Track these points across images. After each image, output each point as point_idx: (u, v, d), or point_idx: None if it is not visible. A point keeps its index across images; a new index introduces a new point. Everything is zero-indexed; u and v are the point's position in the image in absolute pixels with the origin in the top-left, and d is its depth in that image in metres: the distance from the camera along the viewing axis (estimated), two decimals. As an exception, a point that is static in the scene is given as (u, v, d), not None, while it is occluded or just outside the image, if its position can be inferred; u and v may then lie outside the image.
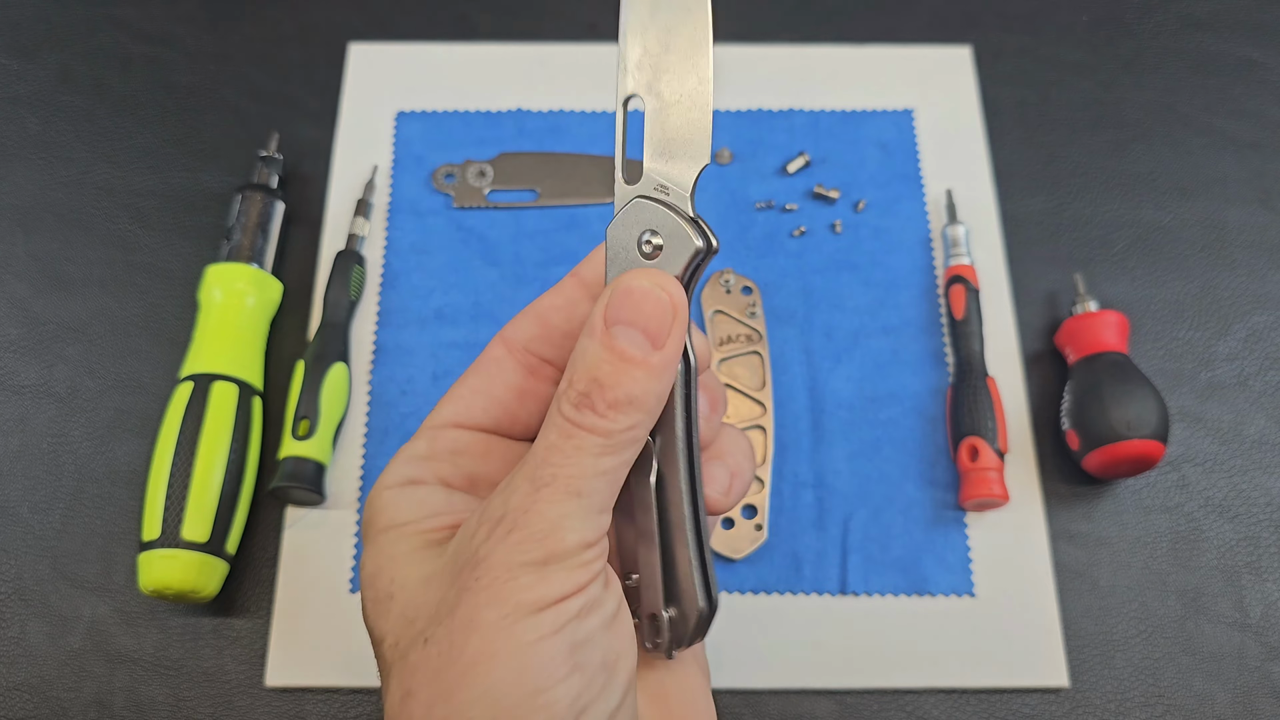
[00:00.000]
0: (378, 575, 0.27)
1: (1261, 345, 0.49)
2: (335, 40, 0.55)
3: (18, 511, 0.46)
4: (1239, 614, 0.44)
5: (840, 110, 0.54)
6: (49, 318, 0.49)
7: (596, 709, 0.25)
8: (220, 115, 0.54)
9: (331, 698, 0.42)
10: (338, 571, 0.44)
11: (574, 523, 0.24)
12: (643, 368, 0.25)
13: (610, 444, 0.25)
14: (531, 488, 0.25)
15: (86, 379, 0.48)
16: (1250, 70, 0.56)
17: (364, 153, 0.53)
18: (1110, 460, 0.44)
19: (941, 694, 0.43)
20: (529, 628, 0.24)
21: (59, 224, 0.51)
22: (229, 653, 0.43)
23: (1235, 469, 0.47)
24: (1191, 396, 0.48)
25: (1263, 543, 0.46)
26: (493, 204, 0.51)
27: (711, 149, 0.27)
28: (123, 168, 0.53)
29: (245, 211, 0.49)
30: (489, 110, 0.54)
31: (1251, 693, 0.43)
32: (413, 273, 0.50)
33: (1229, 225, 0.52)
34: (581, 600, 0.24)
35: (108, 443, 0.47)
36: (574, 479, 0.25)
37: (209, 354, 0.45)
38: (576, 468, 0.25)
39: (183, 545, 0.41)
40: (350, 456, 0.46)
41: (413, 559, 0.27)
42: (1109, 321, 0.47)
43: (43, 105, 0.54)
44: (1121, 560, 0.45)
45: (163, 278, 0.50)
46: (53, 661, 0.43)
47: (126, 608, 0.44)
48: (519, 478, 0.25)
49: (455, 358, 0.48)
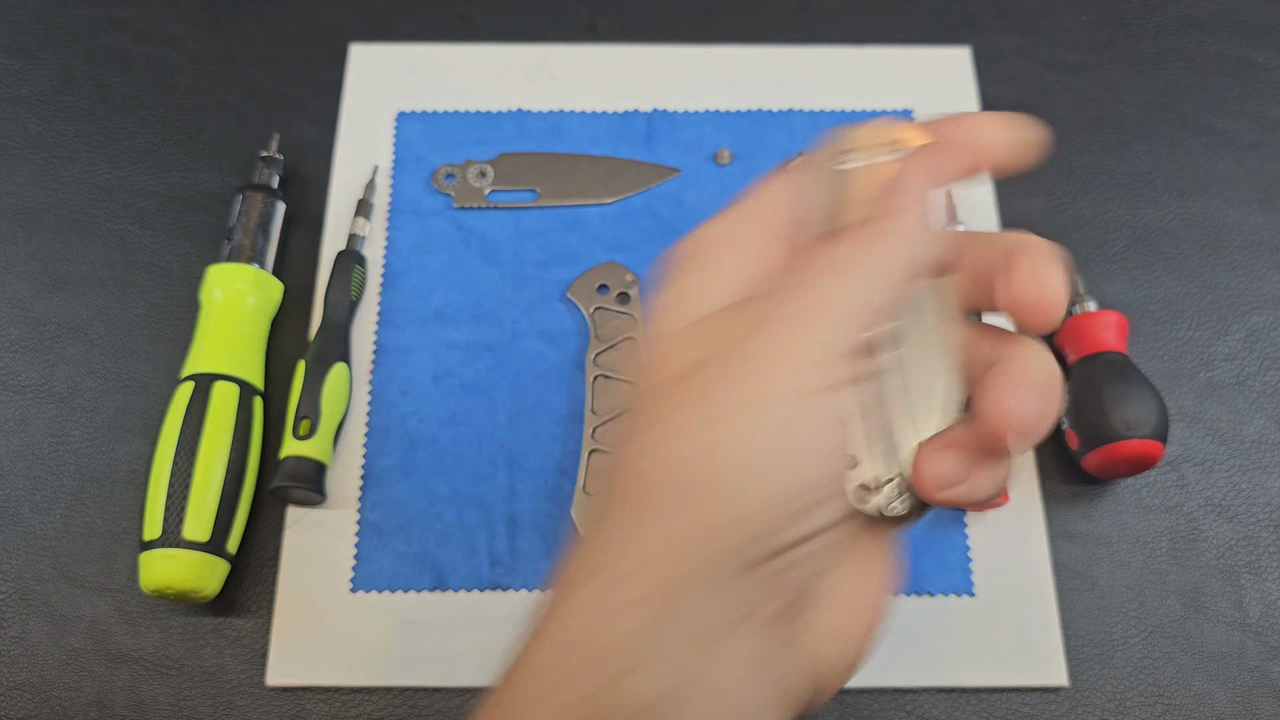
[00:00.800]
0: (686, 296, 0.27)
1: (1260, 345, 0.49)
2: (336, 41, 0.56)
3: (19, 511, 0.46)
4: (1238, 613, 0.44)
5: (840, 110, 0.54)
6: (50, 318, 0.49)
7: (826, 510, 0.25)
8: (221, 116, 0.54)
9: (332, 697, 0.43)
10: (338, 571, 0.44)
11: (862, 296, 0.25)
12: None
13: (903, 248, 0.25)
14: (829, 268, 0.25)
15: (87, 379, 0.48)
16: (1250, 71, 0.56)
17: (364, 153, 0.53)
18: (1110, 460, 0.44)
19: (941, 693, 0.43)
20: (806, 380, 0.24)
21: (60, 224, 0.51)
22: (230, 652, 0.43)
23: (1234, 469, 0.47)
24: (1191, 396, 0.48)
25: (1262, 542, 0.46)
26: (493, 204, 0.51)
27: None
28: (123, 168, 0.53)
29: (246, 212, 0.49)
30: (489, 111, 0.54)
31: (1251, 692, 0.43)
32: (413, 273, 0.50)
33: (1228, 225, 0.52)
34: (850, 374, 0.25)
35: (109, 443, 0.47)
36: (872, 271, 0.25)
37: (210, 354, 0.45)
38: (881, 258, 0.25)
39: (184, 545, 0.41)
40: (351, 456, 0.46)
41: (719, 292, 0.27)
42: (1108, 321, 0.47)
43: (43, 105, 0.54)
44: (1121, 560, 0.45)
45: (164, 278, 0.50)
46: (53, 661, 0.43)
47: (127, 607, 0.44)
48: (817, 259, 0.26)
49: (455, 358, 0.48)
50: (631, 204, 0.52)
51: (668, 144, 0.53)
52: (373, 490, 0.46)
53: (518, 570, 0.44)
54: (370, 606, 0.44)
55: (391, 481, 0.46)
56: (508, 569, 0.44)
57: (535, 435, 0.47)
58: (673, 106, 0.54)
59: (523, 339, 0.49)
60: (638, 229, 0.51)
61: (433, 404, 0.47)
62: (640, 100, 0.54)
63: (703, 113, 0.54)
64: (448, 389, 0.48)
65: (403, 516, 0.45)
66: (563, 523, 0.45)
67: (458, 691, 0.42)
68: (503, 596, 0.44)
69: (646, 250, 0.51)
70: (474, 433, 0.47)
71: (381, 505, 0.45)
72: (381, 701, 0.42)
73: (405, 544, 0.45)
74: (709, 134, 0.53)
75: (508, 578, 0.44)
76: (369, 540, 0.45)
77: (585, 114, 0.54)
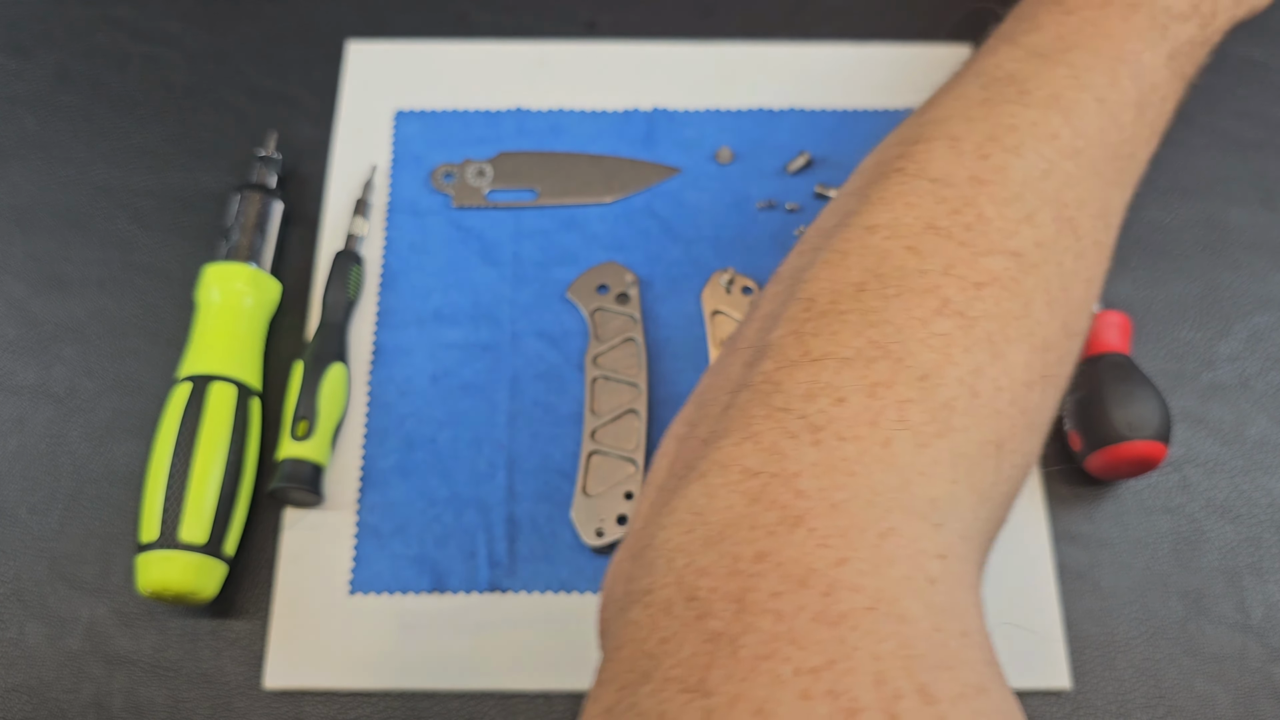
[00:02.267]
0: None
1: (1263, 346, 0.49)
2: (333, 39, 0.55)
3: (15, 513, 0.45)
4: (1241, 615, 0.44)
5: (841, 109, 0.54)
6: (46, 318, 0.49)
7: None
8: (218, 114, 0.54)
9: (330, 700, 0.42)
10: (337, 573, 0.44)
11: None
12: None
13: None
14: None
15: (84, 379, 0.48)
16: (1253, 70, 0.56)
17: (362, 152, 0.52)
18: (1112, 461, 0.44)
19: (942, 696, 0.43)
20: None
21: (56, 224, 0.51)
22: (227, 654, 0.43)
23: (1237, 470, 0.47)
24: (1193, 397, 0.48)
25: (1265, 544, 0.45)
26: (492, 204, 0.51)
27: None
28: (120, 167, 0.53)
29: (243, 211, 0.48)
30: (488, 109, 0.53)
31: (1253, 694, 0.43)
32: (412, 272, 0.50)
33: (1231, 225, 0.52)
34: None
35: (105, 444, 0.47)
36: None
37: (207, 354, 0.45)
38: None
39: (181, 547, 0.41)
40: (349, 458, 0.46)
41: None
42: (1111, 322, 0.46)
43: (40, 104, 0.54)
44: (1123, 561, 0.45)
45: (161, 278, 0.50)
46: (51, 663, 0.43)
47: (125, 609, 0.44)
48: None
49: (454, 358, 0.48)
50: (631, 203, 0.51)
51: (668, 143, 0.53)
52: (371, 492, 0.45)
53: (517, 572, 0.44)
54: (368, 609, 0.43)
55: (390, 483, 0.46)
56: (507, 571, 0.44)
57: (534, 436, 0.46)
58: (673, 105, 0.54)
59: (522, 339, 0.48)
60: (638, 229, 0.51)
61: (431, 405, 0.47)
62: (640, 99, 0.54)
63: (703, 111, 0.53)
64: (446, 389, 0.47)
65: (401, 518, 0.45)
66: (562, 525, 0.45)
67: (457, 695, 0.42)
68: (502, 599, 0.44)
69: (646, 250, 0.50)
70: (473, 434, 0.46)
71: (380, 507, 0.45)
72: (380, 704, 0.42)
73: (404, 546, 0.45)
74: (709, 133, 0.53)
75: (507, 580, 0.44)
76: (367, 542, 0.45)
77: (585, 113, 0.53)
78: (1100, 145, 0.35)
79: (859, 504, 0.26)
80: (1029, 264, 0.31)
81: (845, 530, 0.25)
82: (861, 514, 0.25)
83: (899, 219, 0.31)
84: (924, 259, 0.30)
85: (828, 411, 0.27)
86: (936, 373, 0.28)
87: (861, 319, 0.29)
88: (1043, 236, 0.32)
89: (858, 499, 0.26)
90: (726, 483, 0.27)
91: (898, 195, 0.32)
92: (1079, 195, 0.34)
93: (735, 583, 0.24)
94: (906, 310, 0.29)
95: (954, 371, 0.29)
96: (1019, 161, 0.33)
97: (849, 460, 0.26)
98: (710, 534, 0.26)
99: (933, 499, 0.27)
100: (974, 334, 0.29)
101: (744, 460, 0.27)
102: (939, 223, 0.31)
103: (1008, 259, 0.31)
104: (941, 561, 0.26)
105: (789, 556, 0.24)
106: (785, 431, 0.27)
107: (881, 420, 0.27)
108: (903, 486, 0.27)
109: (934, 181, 0.32)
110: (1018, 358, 0.30)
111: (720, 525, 0.26)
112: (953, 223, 0.31)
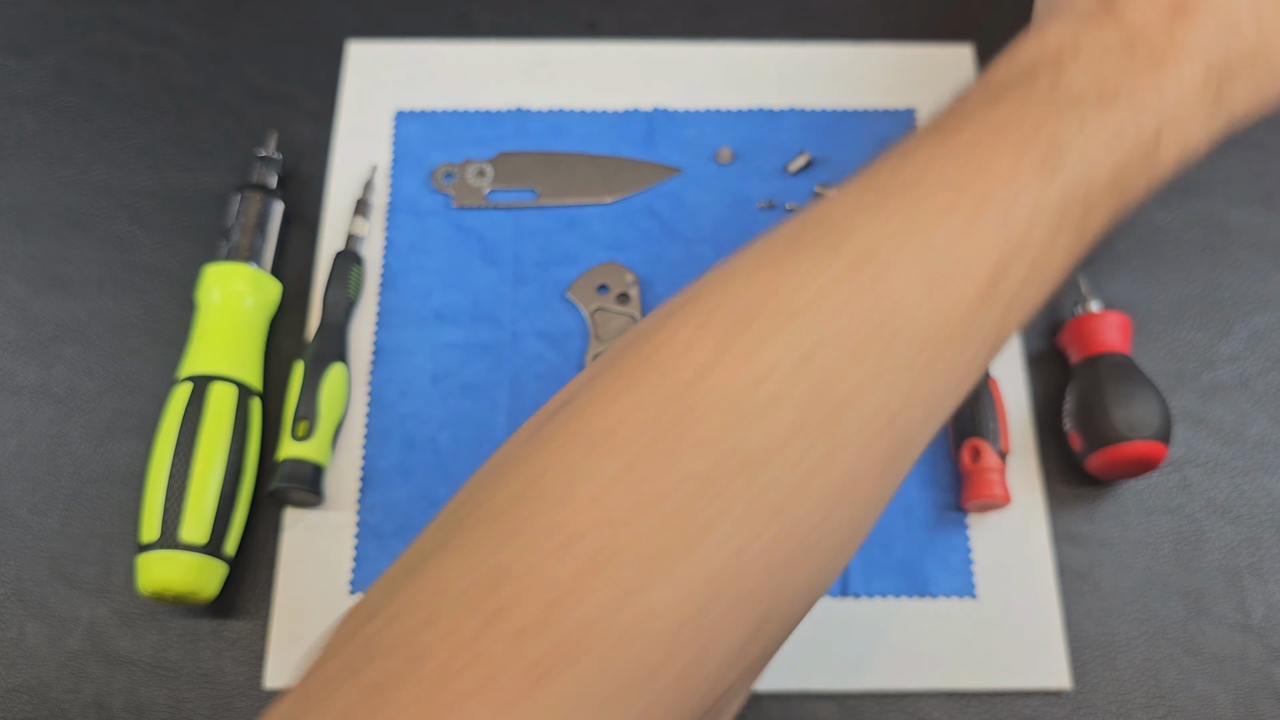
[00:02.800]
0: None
1: (1264, 346, 0.49)
2: (334, 39, 0.55)
3: (16, 513, 0.45)
4: (1241, 615, 0.44)
5: (841, 109, 0.54)
6: (47, 318, 0.49)
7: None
8: (219, 115, 0.54)
9: (331, 700, 0.42)
10: (337, 573, 0.44)
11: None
12: None
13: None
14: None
15: (85, 380, 0.48)
16: (1253, 69, 0.56)
17: (363, 152, 0.52)
18: (1113, 461, 0.44)
19: (943, 696, 0.43)
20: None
21: (57, 224, 0.51)
22: (228, 655, 0.43)
23: (1237, 470, 0.47)
24: (1194, 397, 0.48)
25: (1265, 544, 0.45)
26: (492, 204, 0.51)
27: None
28: (121, 167, 0.53)
29: (244, 211, 0.48)
30: (489, 109, 0.53)
31: (1254, 694, 0.43)
32: (412, 273, 0.50)
33: (1232, 225, 0.52)
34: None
35: (106, 444, 0.47)
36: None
37: (207, 354, 0.45)
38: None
39: (181, 547, 0.41)
40: (349, 458, 0.46)
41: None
42: (1111, 322, 0.46)
43: (40, 105, 0.54)
44: (1124, 561, 0.45)
45: (161, 278, 0.50)
46: (51, 663, 0.43)
47: (125, 609, 0.44)
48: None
49: (455, 358, 0.48)
50: (631, 203, 0.51)
51: (668, 143, 0.53)
52: (371, 492, 0.45)
53: (517, 572, 0.44)
54: (369, 609, 0.43)
55: (390, 483, 0.46)
56: (507, 571, 0.44)
57: (535, 436, 0.46)
58: (673, 105, 0.54)
59: (522, 339, 0.48)
60: (638, 229, 0.51)
61: (432, 405, 0.47)
62: (640, 98, 0.54)
63: (703, 111, 0.53)
64: (447, 390, 0.47)
65: (402, 518, 0.45)
66: (562, 524, 0.45)
67: (457, 694, 0.42)
68: (502, 599, 0.44)
69: (646, 250, 0.50)
70: (473, 434, 0.46)
71: (380, 507, 0.45)
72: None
73: (404, 546, 0.44)
74: (710, 133, 0.53)
75: (507, 580, 0.44)
76: (368, 542, 0.45)
77: (585, 113, 0.53)
78: (919, 317, 0.28)
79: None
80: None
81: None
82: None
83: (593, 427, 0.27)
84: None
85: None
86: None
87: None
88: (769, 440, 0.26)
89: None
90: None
91: (596, 407, 0.27)
92: (853, 386, 0.27)
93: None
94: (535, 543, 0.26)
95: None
96: (774, 345, 0.27)
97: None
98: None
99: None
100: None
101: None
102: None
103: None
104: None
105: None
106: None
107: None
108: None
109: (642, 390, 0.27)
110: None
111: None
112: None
